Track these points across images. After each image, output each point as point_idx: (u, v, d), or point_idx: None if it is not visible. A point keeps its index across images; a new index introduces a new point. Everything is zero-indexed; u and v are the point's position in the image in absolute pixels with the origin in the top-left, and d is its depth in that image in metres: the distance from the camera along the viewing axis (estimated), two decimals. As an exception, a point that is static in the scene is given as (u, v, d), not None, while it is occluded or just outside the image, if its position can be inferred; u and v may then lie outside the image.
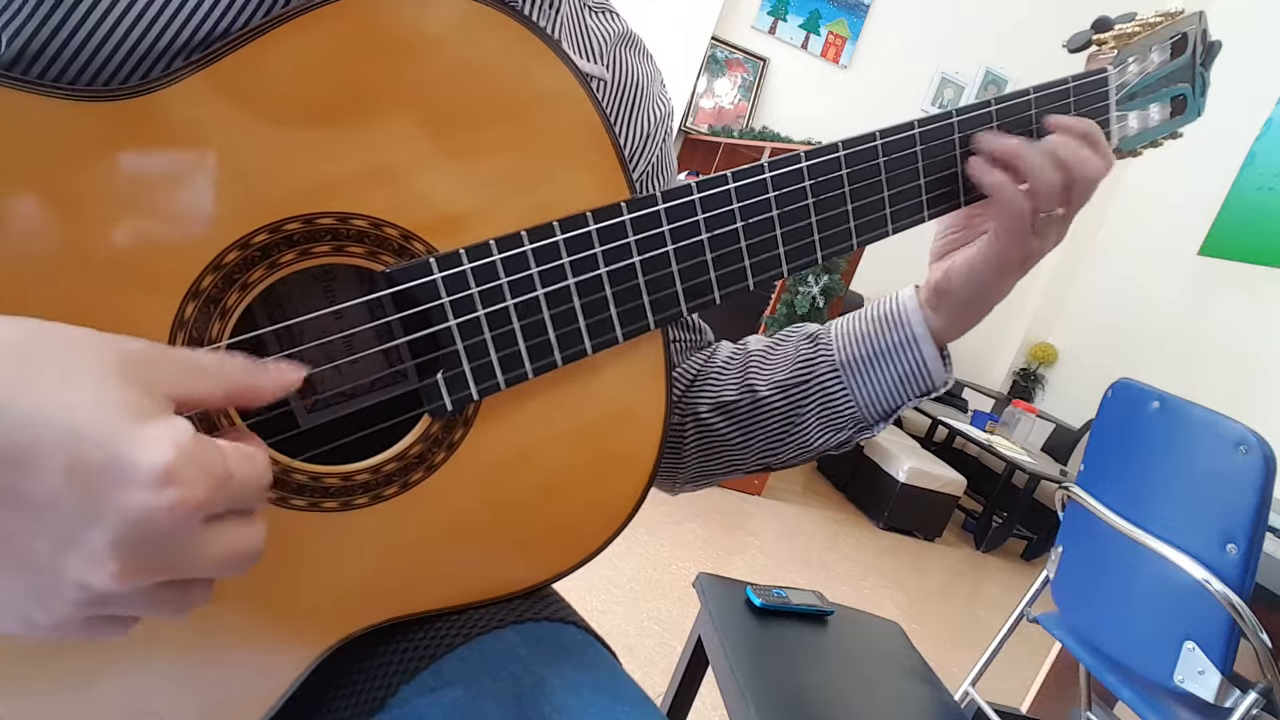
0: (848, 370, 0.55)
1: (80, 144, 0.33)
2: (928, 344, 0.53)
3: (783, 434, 0.57)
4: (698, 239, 0.44)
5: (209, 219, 0.35)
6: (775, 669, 1.00)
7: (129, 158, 0.34)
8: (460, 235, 0.40)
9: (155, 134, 0.34)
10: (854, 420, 0.55)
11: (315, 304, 0.43)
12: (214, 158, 0.35)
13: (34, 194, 0.32)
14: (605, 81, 0.54)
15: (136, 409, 0.26)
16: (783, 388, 0.56)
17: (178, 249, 0.35)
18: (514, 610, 0.47)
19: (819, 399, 0.55)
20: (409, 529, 0.42)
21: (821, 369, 0.55)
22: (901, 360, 0.54)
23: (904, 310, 0.54)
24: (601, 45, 0.55)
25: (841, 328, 0.56)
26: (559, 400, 0.44)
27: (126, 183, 0.34)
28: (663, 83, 0.61)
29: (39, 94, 0.32)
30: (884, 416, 0.56)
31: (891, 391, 0.54)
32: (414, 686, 0.43)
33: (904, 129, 0.48)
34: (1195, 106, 0.57)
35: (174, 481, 0.25)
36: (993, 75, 4.36)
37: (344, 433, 0.42)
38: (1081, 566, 1.43)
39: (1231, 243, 3.71)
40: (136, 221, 0.34)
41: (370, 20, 0.37)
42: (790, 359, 0.56)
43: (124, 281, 0.34)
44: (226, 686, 0.40)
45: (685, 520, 2.61)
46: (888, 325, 0.54)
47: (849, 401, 0.55)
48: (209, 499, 0.26)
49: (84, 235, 0.33)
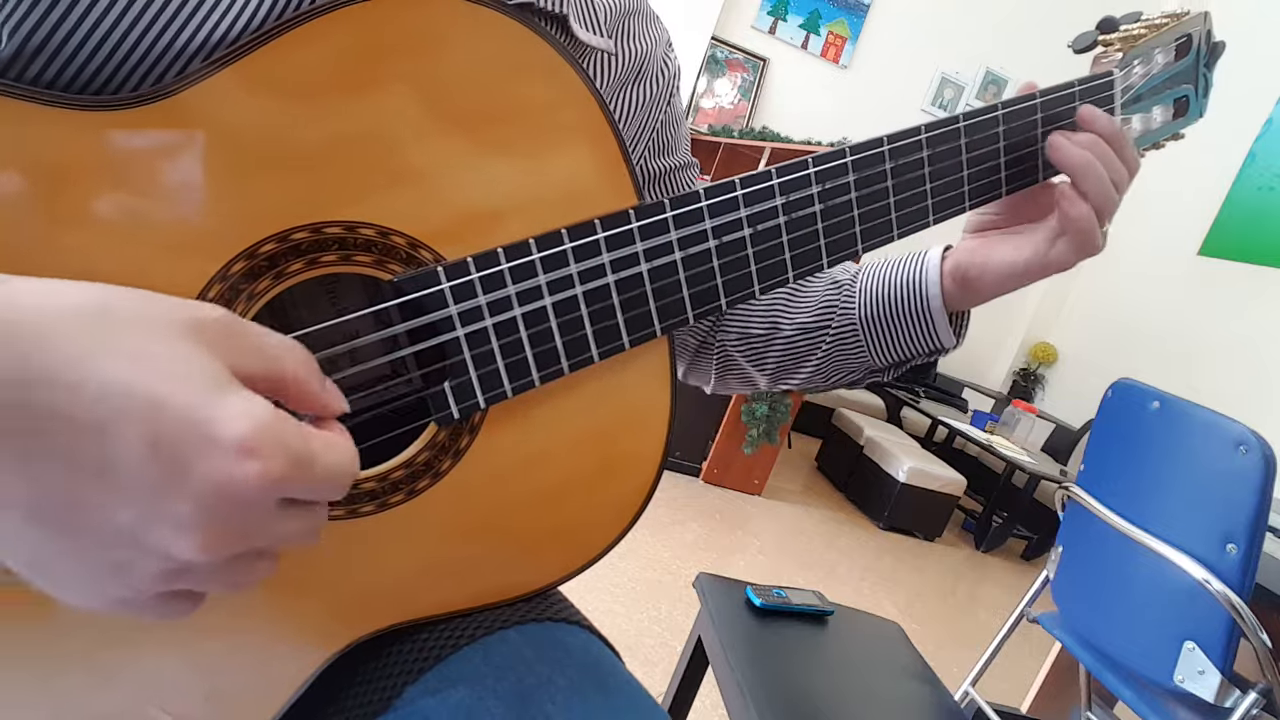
0: (864, 326, 0.58)
1: (85, 155, 0.33)
2: (941, 316, 0.56)
3: (798, 362, 0.61)
4: (705, 246, 0.44)
5: (216, 228, 0.35)
6: (775, 669, 1.00)
7: (134, 168, 0.34)
8: (467, 243, 0.40)
9: (160, 143, 0.34)
10: (865, 367, 0.59)
11: (322, 313, 0.43)
12: (221, 167, 0.35)
13: (39, 205, 0.32)
14: (610, 54, 0.54)
15: (215, 379, 0.26)
16: (805, 329, 0.60)
17: (185, 258, 0.35)
18: (518, 611, 0.47)
19: (835, 345, 0.59)
20: (415, 536, 0.42)
21: (841, 320, 0.59)
22: (915, 325, 0.56)
23: (926, 280, 0.56)
24: (607, 15, 0.54)
25: (867, 282, 0.58)
26: (564, 406, 0.44)
27: (132, 193, 0.34)
28: (669, 43, 0.61)
29: (45, 105, 0.32)
30: (894, 366, 0.59)
31: (902, 349, 0.58)
32: (419, 687, 0.43)
33: (911, 133, 0.48)
34: (1197, 107, 0.57)
35: (255, 454, 0.25)
36: (993, 75, 4.36)
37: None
38: (1081, 566, 1.43)
39: (1231, 243, 3.71)
40: (142, 231, 0.34)
41: (376, 29, 0.37)
42: (816, 303, 0.60)
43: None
44: (234, 688, 0.41)
45: (685, 520, 2.61)
46: (910, 292, 0.56)
47: (861, 352, 0.58)
48: (288, 474, 0.26)
49: (90, 243, 0.33)
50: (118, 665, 0.38)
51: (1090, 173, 0.49)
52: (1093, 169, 0.49)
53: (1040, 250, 0.51)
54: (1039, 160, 0.52)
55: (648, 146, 0.59)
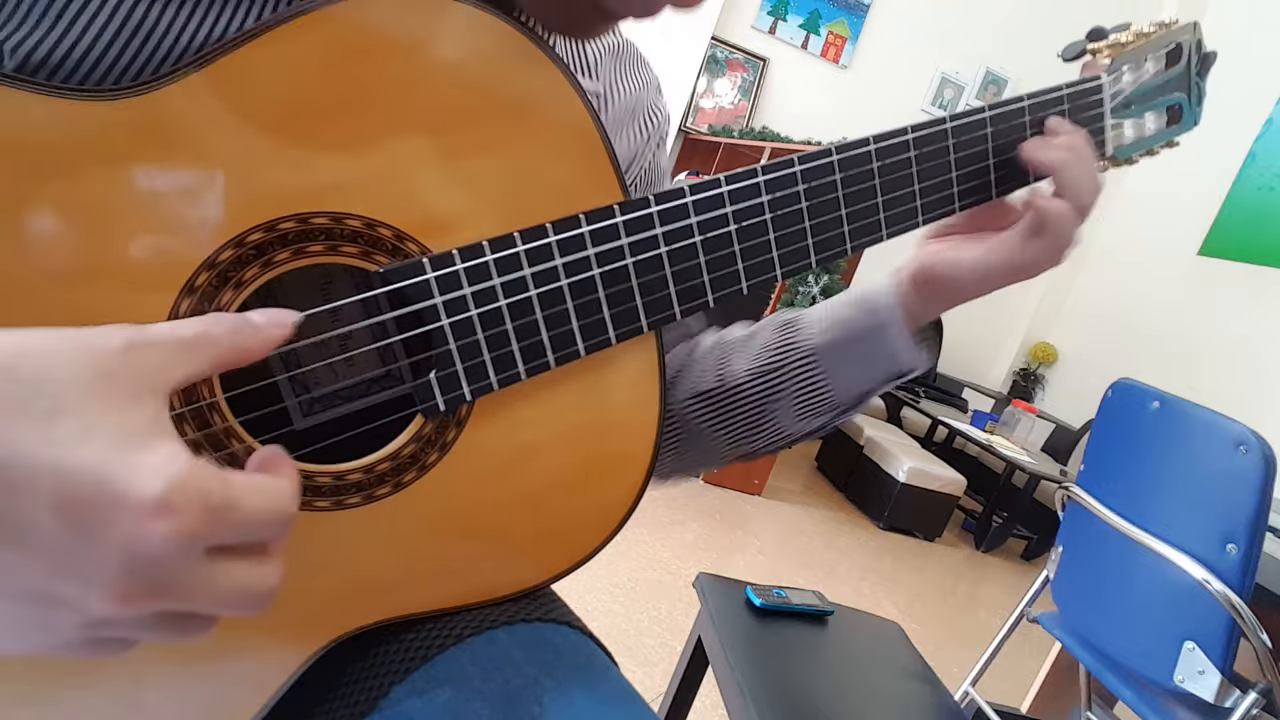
0: (824, 354, 0.55)
1: (74, 143, 0.33)
2: (898, 328, 0.53)
3: (758, 420, 0.56)
4: (691, 241, 0.44)
5: (204, 217, 0.35)
6: (775, 669, 1.00)
7: (124, 156, 0.34)
8: (454, 236, 0.40)
9: (151, 132, 0.34)
10: (830, 405, 0.55)
11: (310, 303, 0.43)
12: (209, 157, 0.35)
13: (26, 193, 0.32)
14: (599, 96, 0.54)
15: (125, 434, 0.25)
16: (758, 373, 0.56)
17: (172, 246, 0.35)
18: (507, 611, 0.47)
19: (794, 384, 0.55)
20: (401, 529, 0.42)
21: (796, 354, 0.55)
22: (874, 345, 0.54)
23: (880, 295, 0.54)
24: (597, 60, 0.55)
25: (817, 312, 0.56)
26: (553, 402, 0.44)
27: (121, 181, 0.34)
28: (659, 88, 0.61)
29: (35, 93, 0.32)
30: (859, 400, 0.56)
31: (864, 372, 0.54)
32: (405, 687, 0.43)
33: (898, 134, 0.49)
34: (1191, 116, 0.57)
35: (167, 510, 0.25)
36: (992, 75, 4.35)
37: (337, 432, 0.42)
38: (1081, 566, 1.42)
39: (1231, 243, 3.71)
40: (131, 218, 0.34)
41: (365, 22, 0.37)
42: (766, 344, 0.56)
43: (119, 278, 0.34)
44: (217, 686, 0.40)
45: (685, 520, 2.61)
46: (862, 310, 0.54)
47: (827, 386, 0.55)
48: (204, 528, 0.26)
49: (78, 232, 0.33)
50: (94, 668, 0.37)
51: (1068, 170, 0.49)
52: (1070, 167, 0.49)
53: (1013, 250, 0.50)
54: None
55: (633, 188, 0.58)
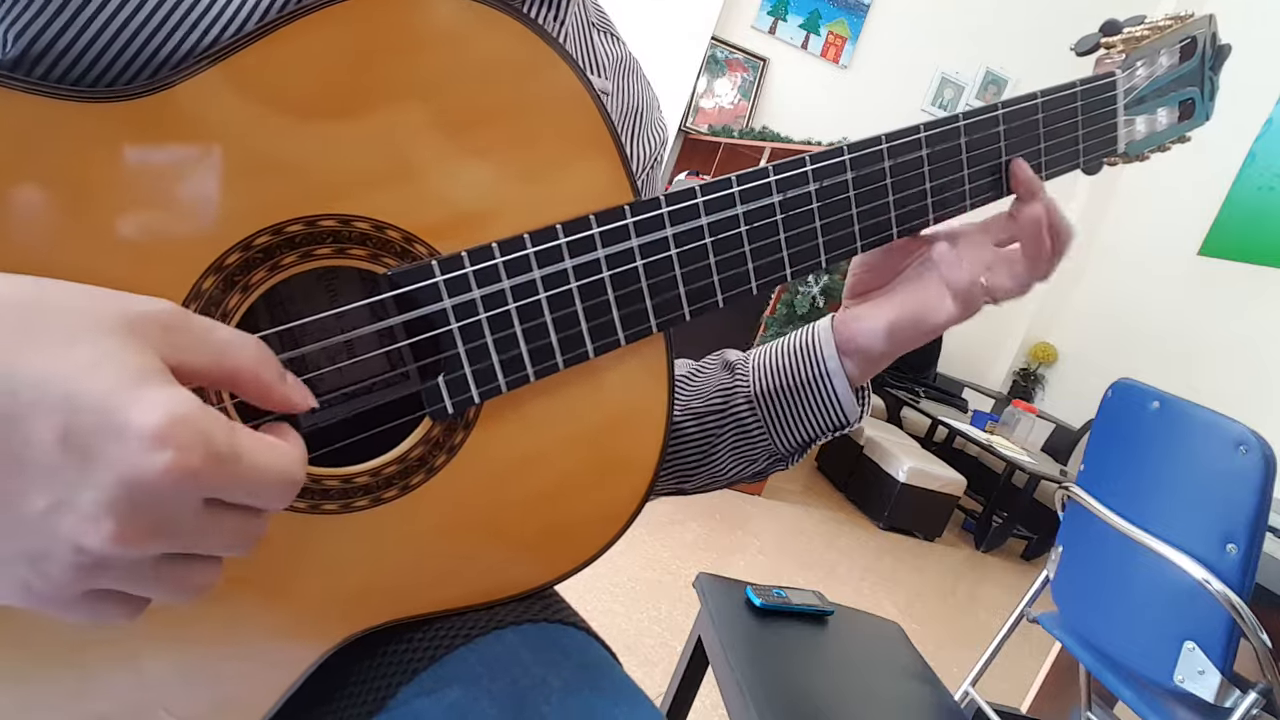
0: (762, 402, 0.54)
1: (83, 146, 0.33)
2: (840, 377, 0.52)
3: (696, 461, 0.57)
4: (702, 242, 0.44)
5: (211, 220, 0.35)
6: (775, 669, 1.00)
7: (132, 159, 0.34)
8: (462, 238, 0.40)
9: (157, 135, 0.34)
10: (768, 452, 0.55)
11: (318, 306, 0.43)
12: (217, 159, 0.35)
13: (37, 196, 0.32)
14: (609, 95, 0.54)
15: (134, 371, 0.26)
16: (698, 415, 0.56)
17: (179, 250, 0.35)
18: (514, 611, 0.47)
19: (733, 429, 0.55)
20: (409, 532, 0.42)
21: (737, 399, 0.55)
22: (814, 396, 0.53)
23: (819, 340, 0.53)
24: (606, 66, 0.55)
25: (759, 358, 0.56)
26: (560, 403, 0.44)
27: (129, 184, 0.34)
28: (659, 108, 0.61)
29: (47, 97, 0.32)
30: (799, 449, 0.55)
31: (804, 426, 0.54)
32: (413, 687, 0.43)
33: (910, 132, 0.48)
34: (1203, 111, 0.57)
35: (167, 443, 0.25)
36: (993, 75, 4.35)
37: (345, 435, 0.42)
38: (1081, 566, 1.43)
39: (1231, 243, 3.71)
40: (139, 222, 0.34)
41: (374, 23, 0.37)
42: (708, 388, 0.57)
43: (125, 281, 0.34)
44: (228, 684, 0.40)
45: (685, 520, 2.61)
46: (803, 359, 0.53)
47: (763, 434, 0.55)
48: (205, 469, 0.26)
49: (87, 235, 0.33)
50: (106, 660, 0.37)
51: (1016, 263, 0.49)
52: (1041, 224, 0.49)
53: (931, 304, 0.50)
54: (1041, 160, 0.52)
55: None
